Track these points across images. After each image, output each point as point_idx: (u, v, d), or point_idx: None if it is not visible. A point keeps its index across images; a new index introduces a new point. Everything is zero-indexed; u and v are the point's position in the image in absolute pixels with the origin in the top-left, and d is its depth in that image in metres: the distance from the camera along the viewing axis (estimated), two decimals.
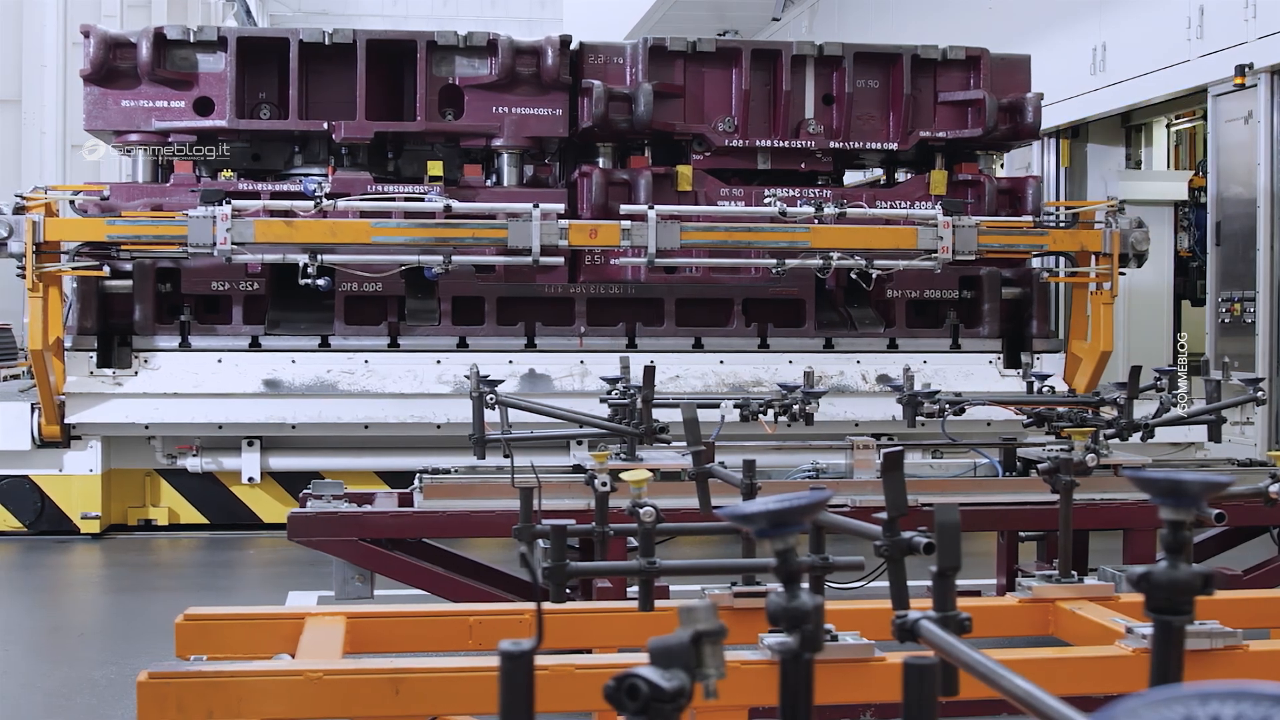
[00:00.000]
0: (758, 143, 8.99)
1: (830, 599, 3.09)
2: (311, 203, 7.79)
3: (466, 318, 8.59)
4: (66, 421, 7.99)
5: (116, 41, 8.46)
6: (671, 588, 4.63)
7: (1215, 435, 5.68)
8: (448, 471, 5.21)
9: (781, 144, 9.00)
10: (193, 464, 8.28)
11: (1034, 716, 1.83)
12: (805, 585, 2.14)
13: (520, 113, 8.79)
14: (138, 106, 8.55)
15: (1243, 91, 10.04)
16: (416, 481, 5.19)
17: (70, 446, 8.11)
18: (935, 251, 8.29)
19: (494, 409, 5.21)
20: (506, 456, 4.80)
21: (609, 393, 5.41)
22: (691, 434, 4.19)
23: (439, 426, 8.23)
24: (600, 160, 9.02)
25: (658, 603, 3.58)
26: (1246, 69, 9.83)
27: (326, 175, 8.65)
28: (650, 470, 4.72)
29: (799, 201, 8.60)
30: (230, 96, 8.49)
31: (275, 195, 8.30)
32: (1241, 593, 4.04)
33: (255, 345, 8.40)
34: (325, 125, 8.55)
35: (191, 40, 8.50)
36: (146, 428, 8.15)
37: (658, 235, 8.06)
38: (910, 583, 2.99)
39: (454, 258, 8.06)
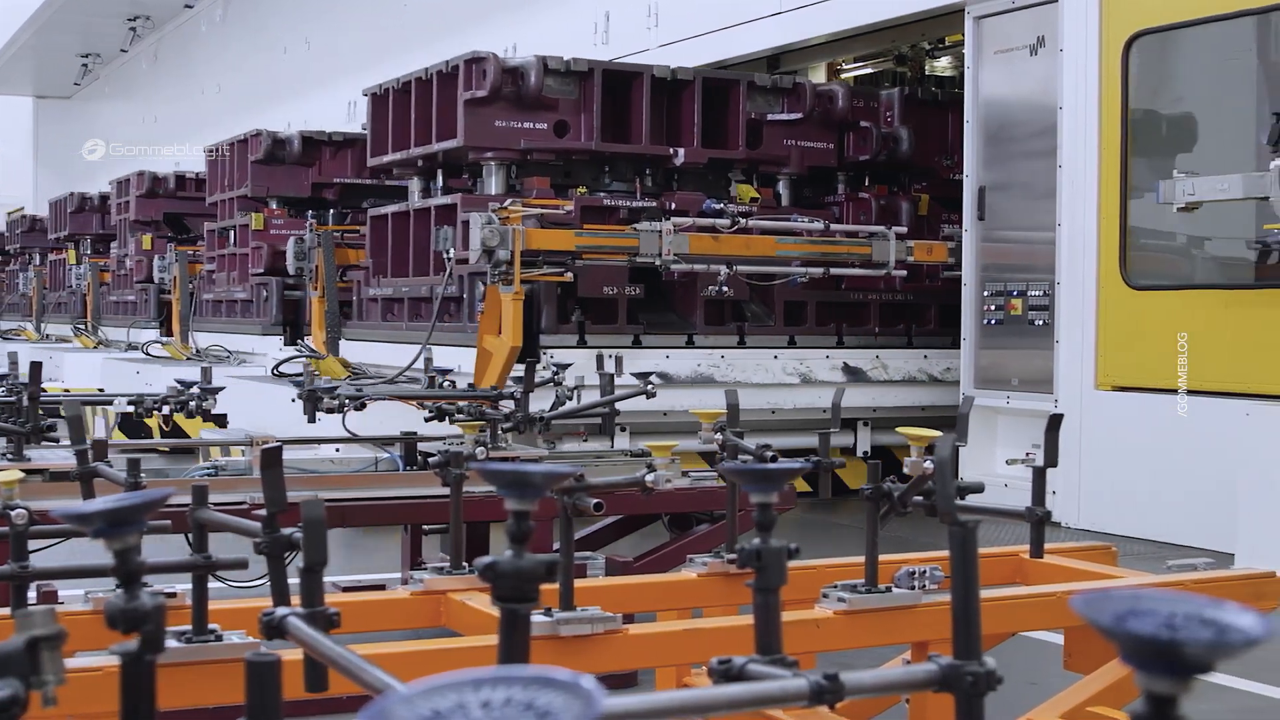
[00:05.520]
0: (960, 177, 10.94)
1: (222, 598, 3.10)
2: (729, 220, 9.11)
3: (790, 319, 10.05)
4: None
5: (505, 68, 9.34)
6: (62, 592, 4.30)
7: (608, 428, 6.01)
8: None
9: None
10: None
11: None
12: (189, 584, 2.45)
13: (803, 145, 10.34)
14: (508, 126, 9.45)
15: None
16: None
17: None
18: None
19: None
20: None
21: None
22: (75, 433, 4.11)
23: (773, 412, 9.68)
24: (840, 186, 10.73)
25: (48, 607, 3.38)
26: None
27: (635, 193, 9.89)
28: (37, 470, 4.75)
29: None
30: (595, 121, 9.57)
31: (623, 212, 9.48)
32: (629, 578, 4.14)
33: (636, 343, 9.51)
34: (670, 150, 9.78)
35: (564, 70, 9.51)
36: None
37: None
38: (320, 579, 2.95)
39: (799, 268, 9.56)
